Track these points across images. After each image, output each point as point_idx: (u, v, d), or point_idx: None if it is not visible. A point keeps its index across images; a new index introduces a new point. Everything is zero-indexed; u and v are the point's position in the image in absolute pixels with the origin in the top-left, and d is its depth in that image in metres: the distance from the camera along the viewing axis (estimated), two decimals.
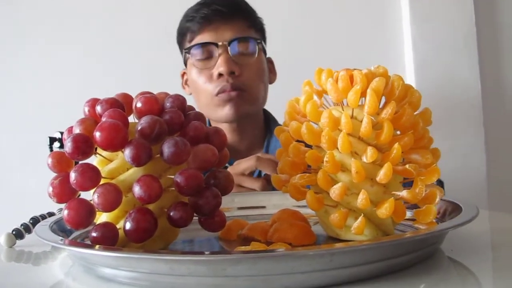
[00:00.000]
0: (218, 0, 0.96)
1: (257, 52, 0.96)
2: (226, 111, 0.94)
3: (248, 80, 0.94)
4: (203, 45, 0.94)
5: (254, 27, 0.99)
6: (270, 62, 1.06)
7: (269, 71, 1.05)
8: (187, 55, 0.98)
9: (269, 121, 1.04)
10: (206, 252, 0.35)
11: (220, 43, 0.93)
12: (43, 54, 1.34)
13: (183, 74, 1.05)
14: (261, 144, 1.02)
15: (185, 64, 1.02)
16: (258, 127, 1.03)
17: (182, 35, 1.00)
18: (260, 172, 0.85)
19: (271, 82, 1.05)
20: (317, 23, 1.41)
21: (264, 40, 1.04)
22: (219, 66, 0.92)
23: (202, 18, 0.95)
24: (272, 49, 1.06)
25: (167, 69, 1.32)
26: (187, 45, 0.99)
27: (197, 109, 0.48)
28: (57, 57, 1.34)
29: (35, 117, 1.31)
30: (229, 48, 0.93)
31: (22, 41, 1.34)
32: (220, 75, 0.92)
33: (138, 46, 1.36)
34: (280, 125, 0.53)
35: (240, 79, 0.93)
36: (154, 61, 1.35)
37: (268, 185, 0.77)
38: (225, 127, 0.97)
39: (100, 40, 1.36)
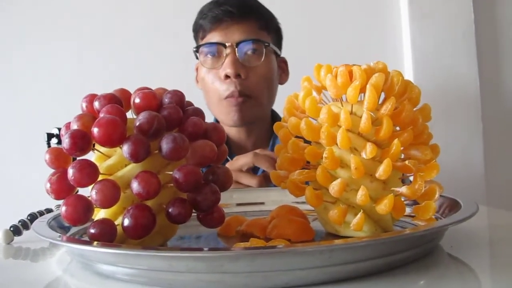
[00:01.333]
0: (231, 0, 0.96)
1: (264, 55, 0.95)
2: (231, 116, 0.95)
3: (254, 85, 0.95)
4: (211, 44, 0.95)
5: (267, 28, 0.99)
6: (283, 62, 1.06)
7: (282, 71, 1.05)
8: (197, 53, 0.98)
9: (276, 121, 1.04)
10: (205, 249, 0.35)
11: (228, 44, 0.93)
12: (40, 50, 1.34)
13: (197, 69, 1.05)
14: (267, 143, 1.03)
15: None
16: (264, 126, 1.03)
17: (196, 32, 1.01)
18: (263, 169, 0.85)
19: (282, 83, 1.05)
20: (315, 19, 1.41)
21: (279, 41, 1.04)
22: (226, 67, 0.92)
23: (213, 17, 0.95)
24: None
25: (165, 65, 1.32)
26: (199, 42, 0.99)
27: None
28: (54, 53, 1.34)
29: (33, 113, 1.31)
30: (236, 49, 0.93)
31: (19, 38, 1.33)
32: (226, 76, 0.93)
33: (137, 42, 1.36)
34: None
35: (246, 84, 0.93)
36: (152, 57, 1.34)
37: (266, 182, 0.76)
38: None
39: (97, 36, 1.35)
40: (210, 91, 0.97)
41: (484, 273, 0.40)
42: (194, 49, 0.98)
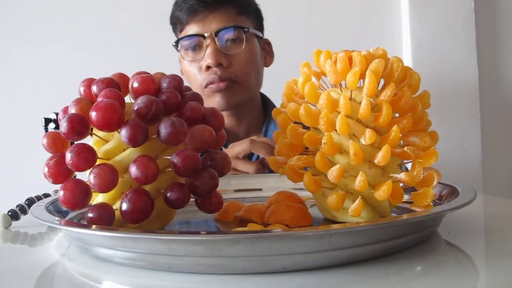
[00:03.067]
0: None
1: (245, 41, 0.93)
2: (216, 101, 0.93)
3: (238, 70, 0.93)
4: (191, 37, 0.93)
5: (245, 13, 0.96)
6: (267, 43, 1.05)
7: (266, 53, 1.04)
8: (177, 47, 0.96)
9: (267, 106, 1.03)
10: (203, 232, 0.35)
11: (207, 34, 0.91)
12: (37, 37, 1.33)
13: (180, 60, 1.04)
14: (260, 128, 1.02)
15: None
16: (255, 111, 1.02)
17: (174, 24, 0.99)
18: (258, 156, 0.85)
19: (267, 65, 1.04)
20: (315, 7, 1.40)
21: (260, 23, 1.02)
22: (207, 58, 0.91)
23: (188, 9, 0.93)
24: (269, 32, 1.05)
25: (163, 51, 1.31)
26: (178, 34, 0.98)
27: None
28: (51, 39, 1.33)
29: (30, 98, 1.30)
30: (216, 38, 0.91)
31: (15, 24, 1.32)
32: (208, 67, 0.92)
33: (134, 27, 1.35)
34: None
35: (228, 71, 0.92)
36: (149, 43, 1.34)
37: (263, 169, 0.76)
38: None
39: (95, 21, 1.34)
40: (192, 82, 0.96)
41: (481, 260, 0.40)
42: (174, 44, 0.97)
